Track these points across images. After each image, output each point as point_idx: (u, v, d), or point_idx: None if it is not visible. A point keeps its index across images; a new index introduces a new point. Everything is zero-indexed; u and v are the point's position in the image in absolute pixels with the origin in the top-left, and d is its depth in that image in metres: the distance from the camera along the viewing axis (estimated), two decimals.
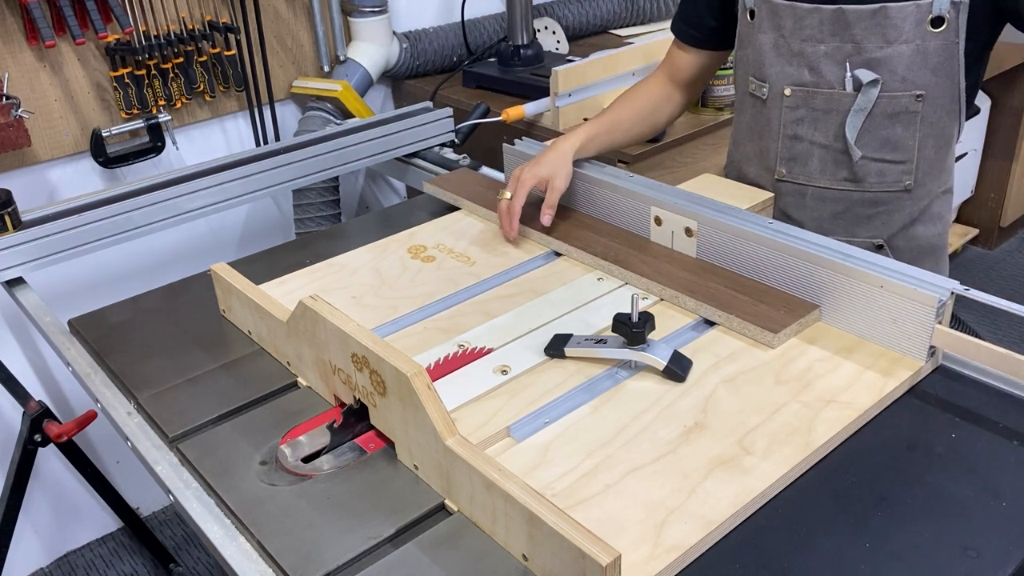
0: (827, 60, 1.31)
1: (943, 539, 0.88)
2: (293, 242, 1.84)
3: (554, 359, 1.16)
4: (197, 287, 1.42)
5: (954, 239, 3.39)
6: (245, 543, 0.95)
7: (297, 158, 1.75)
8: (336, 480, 1.00)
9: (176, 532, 2.42)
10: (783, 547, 0.89)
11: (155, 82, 2.04)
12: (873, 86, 1.29)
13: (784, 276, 1.23)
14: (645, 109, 1.55)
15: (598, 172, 1.49)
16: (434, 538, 0.91)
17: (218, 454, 1.06)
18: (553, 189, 1.42)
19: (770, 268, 1.24)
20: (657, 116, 1.57)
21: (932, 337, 1.09)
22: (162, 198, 1.61)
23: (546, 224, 1.44)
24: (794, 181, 1.44)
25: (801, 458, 0.97)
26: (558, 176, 1.42)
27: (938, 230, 1.44)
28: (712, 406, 1.06)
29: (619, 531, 0.89)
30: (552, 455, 1.00)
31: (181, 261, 2.21)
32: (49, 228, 1.49)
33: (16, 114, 1.77)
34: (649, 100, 1.56)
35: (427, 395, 0.92)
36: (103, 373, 1.26)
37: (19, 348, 2.09)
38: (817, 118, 1.37)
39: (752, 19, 1.37)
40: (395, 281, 1.39)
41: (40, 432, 1.69)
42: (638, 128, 1.57)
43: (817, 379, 1.10)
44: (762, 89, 1.40)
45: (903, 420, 1.05)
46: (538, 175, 1.42)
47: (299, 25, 2.27)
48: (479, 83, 2.38)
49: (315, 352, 1.10)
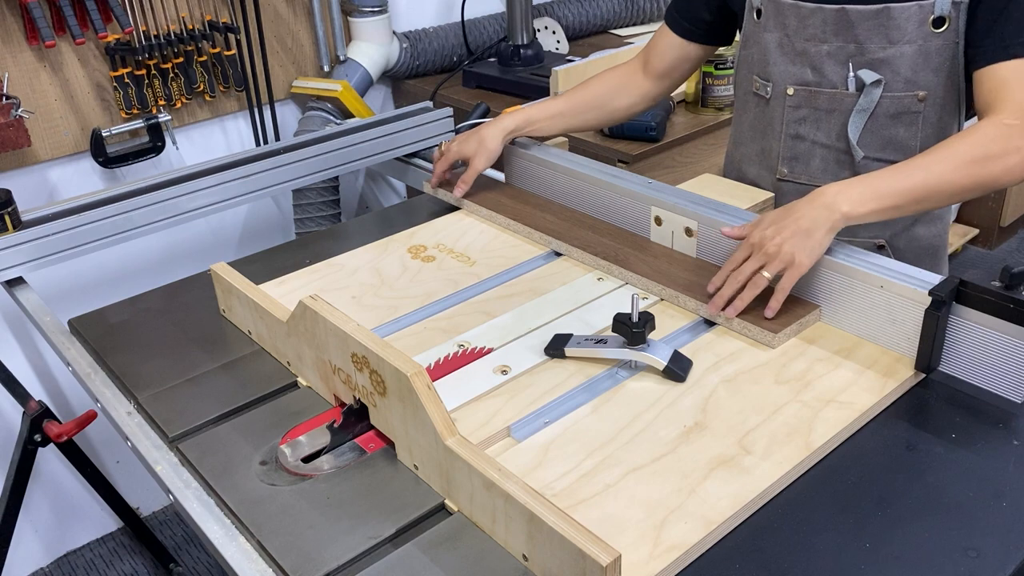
0: (830, 60, 1.31)
1: (943, 539, 0.88)
2: (293, 242, 1.84)
3: (554, 359, 1.16)
4: (197, 287, 1.42)
5: (954, 239, 3.39)
6: (245, 543, 0.95)
7: (297, 158, 1.75)
8: (336, 480, 1.00)
9: (176, 532, 2.42)
10: (783, 547, 0.88)
11: (155, 82, 2.04)
12: (876, 87, 1.29)
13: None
14: (601, 96, 1.56)
15: (598, 172, 1.49)
16: (434, 538, 0.91)
17: (218, 454, 1.06)
18: (472, 168, 1.54)
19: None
20: (615, 102, 1.57)
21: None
22: (162, 198, 1.61)
23: (457, 195, 1.57)
24: (796, 181, 1.44)
25: (801, 458, 0.97)
26: (479, 156, 1.53)
27: (938, 230, 1.44)
28: (712, 406, 1.06)
29: (619, 531, 0.89)
30: (552, 455, 1.00)
31: (181, 261, 2.21)
32: (49, 228, 1.49)
33: (16, 114, 1.77)
34: (606, 87, 1.56)
35: (427, 395, 0.92)
36: (103, 373, 1.26)
37: (19, 348, 2.09)
38: (820, 118, 1.37)
39: (759, 18, 1.37)
40: (395, 281, 1.39)
41: (40, 432, 1.69)
42: (592, 114, 1.58)
43: (817, 379, 1.10)
44: (766, 88, 1.40)
45: (903, 420, 1.05)
46: (462, 152, 1.55)
47: (299, 25, 2.27)
48: (479, 83, 2.39)
49: (315, 352, 1.10)
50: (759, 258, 1.14)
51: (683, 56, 1.52)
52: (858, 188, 1.13)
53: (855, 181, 1.15)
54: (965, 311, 1.07)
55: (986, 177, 1.14)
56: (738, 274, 1.16)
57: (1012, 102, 1.16)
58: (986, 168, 1.13)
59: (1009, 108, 1.16)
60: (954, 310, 1.07)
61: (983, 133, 1.15)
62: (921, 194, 1.13)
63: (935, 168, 1.13)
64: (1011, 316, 1.02)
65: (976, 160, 1.13)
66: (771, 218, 1.16)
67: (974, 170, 1.13)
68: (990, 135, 1.14)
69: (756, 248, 1.15)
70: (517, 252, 1.46)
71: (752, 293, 1.15)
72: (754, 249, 1.15)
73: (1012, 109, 1.15)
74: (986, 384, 1.08)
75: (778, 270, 1.13)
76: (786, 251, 1.12)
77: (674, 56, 1.52)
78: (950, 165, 1.13)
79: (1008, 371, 1.05)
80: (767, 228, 1.14)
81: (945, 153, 1.15)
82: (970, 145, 1.14)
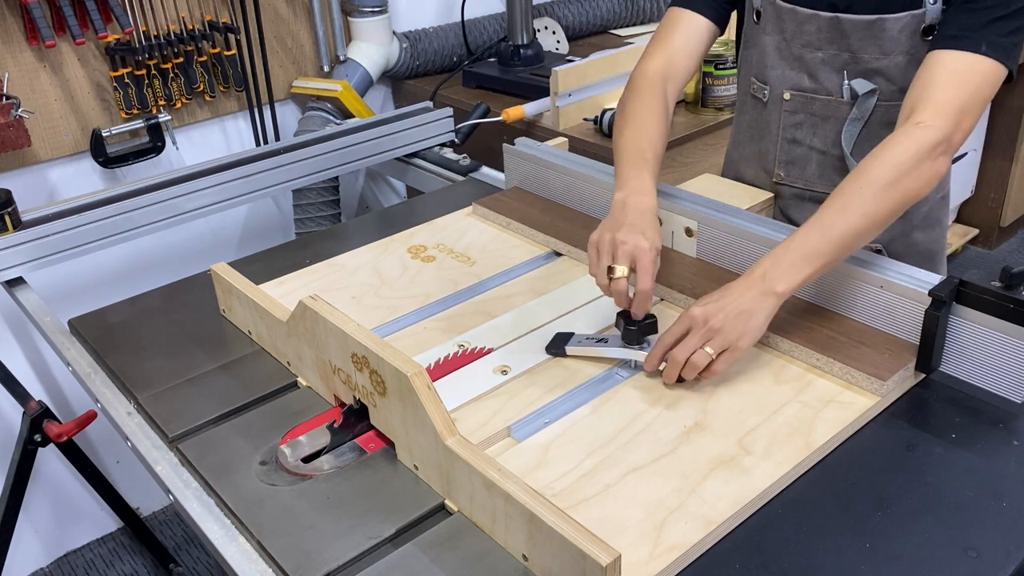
0: (824, 67, 1.31)
1: (943, 539, 0.88)
2: (293, 242, 1.84)
3: (555, 358, 1.16)
4: (197, 287, 1.42)
5: (954, 239, 3.38)
6: (245, 543, 0.95)
7: (297, 158, 1.75)
8: (336, 480, 1.00)
9: (176, 532, 2.42)
10: (783, 547, 0.88)
11: (155, 82, 2.04)
12: (870, 96, 1.29)
13: None
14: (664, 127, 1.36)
15: (598, 172, 1.49)
16: (434, 538, 0.91)
17: (218, 454, 1.06)
18: (653, 263, 1.16)
19: None
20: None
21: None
22: (162, 198, 1.61)
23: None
24: (792, 185, 1.44)
25: (801, 458, 0.98)
26: (660, 240, 1.20)
27: (936, 235, 1.44)
28: (712, 406, 1.06)
29: (619, 531, 0.89)
30: (552, 455, 1.00)
31: (181, 261, 2.21)
32: (49, 228, 1.49)
33: (16, 114, 1.77)
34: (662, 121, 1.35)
35: (427, 395, 0.92)
36: (103, 373, 1.26)
37: (19, 348, 2.09)
38: (815, 124, 1.36)
39: (758, 20, 1.37)
40: (395, 281, 1.39)
41: (40, 432, 1.69)
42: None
43: (817, 379, 1.10)
44: (763, 91, 1.40)
45: (903, 420, 1.05)
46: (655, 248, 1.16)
47: (299, 25, 2.27)
48: (479, 83, 2.38)
49: (315, 352, 1.10)
50: (703, 333, 1.09)
51: (705, 42, 1.39)
52: (786, 260, 1.09)
53: (781, 252, 1.10)
54: (965, 311, 1.07)
55: (906, 195, 1.10)
56: (677, 352, 1.08)
57: (933, 101, 1.12)
58: (903, 186, 1.10)
59: (928, 107, 1.12)
60: (954, 310, 1.07)
61: (895, 146, 1.11)
62: (850, 239, 1.09)
63: (853, 207, 1.09)
64: (1011, 316, 1.02)
65: (892, 182, 1.09)
66: (710, 299, 1.11)
67: (892, 193, 1.09)
68: (902, 146, 1.10)
69: (697, 323, 1.09)
70: (517, 252, 1.46)
71: (695, 371, 1.08)
72: (695, 324, 1.09)
73: (931, 108, 1.12)
74: (986, 384, 1.08)
75: (720, 348, 1.08)
76: (728, 330, 1.07)
77: (699, 47, 1.38)
78: (868, 196, 1.09)
79: (1008, 371, 1.05)
80: (707, 305, 1.10)
81: (859, 184, 1.10)
82: (882, 167, 1.10)
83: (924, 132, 1.10)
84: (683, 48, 1.37)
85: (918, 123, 1.11)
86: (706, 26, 1.37)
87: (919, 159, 1.10)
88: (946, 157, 1.12)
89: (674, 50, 1.37)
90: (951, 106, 1.12)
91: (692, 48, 1.37)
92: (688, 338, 1.09)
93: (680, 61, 1.37)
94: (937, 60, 1.15)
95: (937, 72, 1.14)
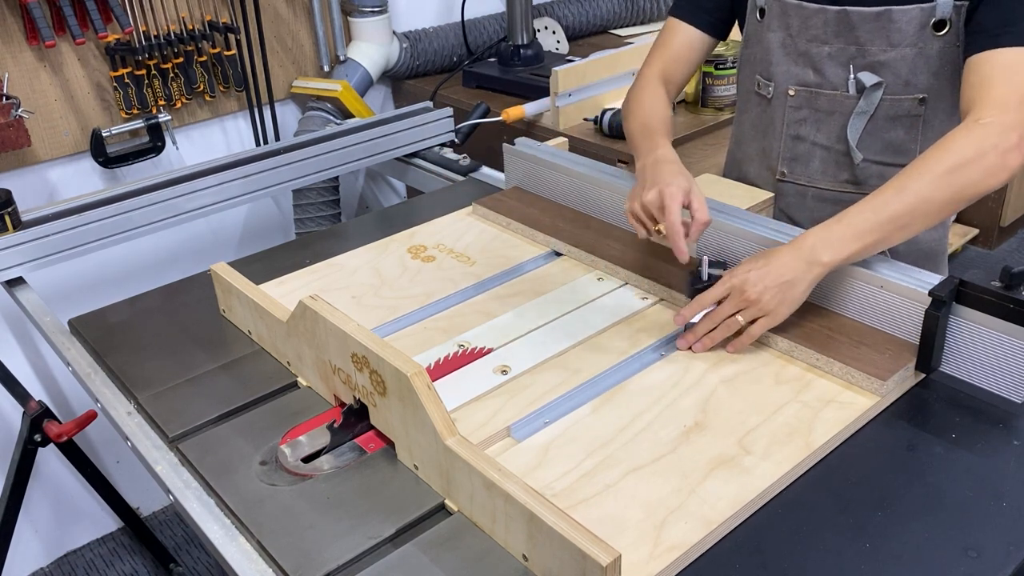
0: (831, 61, 1.31)
1: (943, 539, 0.88)
2: (293, 242, 1.84)
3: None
4: (197, 287, 1.42)
5: (954, 239, 3.38)
6: (245, 543, 0.95)
7: (297, 158, 1.75)
8: (336, 480, 1.00)
9: (176, 532, 2.42)
10: (783, 547, 0.88)
11: (155, 82, 2.04)
12: (876, 89, 1.29)
13: None
14: (668, 111, 1.44)
15: (598, 172, 1.49)
16: (434, 538, 0.91)
17: (218, 454, 1.06)
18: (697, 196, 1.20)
19: None
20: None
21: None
22: (162, 198, 1.61)
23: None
24: (795, 182, 1.44)
25: (801, 458, 0.98)
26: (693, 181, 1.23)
27: (938, 235, 1.44)
28: (712, 406, 1.06)
29: (619, 531, 0.89)
30: (552, 455, 1.00)
31: (181, 261, 2.21)
32: (49, 228, 1.49)
33: (16, 114, 1.77)
34: (664, 101, 1.44)
35: (427, 395, 0.92)
36: (103, 373, 1.26)
37: (19, 348, 2.09)
38: (820, 119, 1.37)
39: (761, 18, 1.37)
40: (395, 281, 1.39)
41: (40, 432, 1.69)
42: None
43: (817, 379, 1.10)
44: (767, 88, 1.40)
45: (903, 420, 1.05)
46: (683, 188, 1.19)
47: (299, 25, 2.27)
48: (479, 83, 2.39)
49: (315, 352, 1.10)
50: (738, 302, 1.12)
51: (701, 52, 1.45)
52: (837, 232, 1.10)
53: (833, 223, 1.11)
54: (965, 311, 1.07)
55: (966, 184, 1.09)
56: (714, 314, 1.14)
57: (990, 99, 1.12)
58: (964, 175, 1.09)
59: (987, 105, 1.12)
60: (954, 310, 1.07)
61: (956, 139, 1.11)
62: (904, 220, 1.09)
63: (911, 188, 1.09)
64: (1011, 316, 1.02)
65: (952, 169, 1.08)
66: (754, 264, 1.12)
67: (952, 180, 1.09)
68: (964, 139, 1.10)
69: (736, 291, 1.12)
70: (517, 252, 1.46)
71: (723, 334, 1.13)
72: (733, 291, 1.12)
73: (989, 105, 1.12)
74: (986, 384, 1.08)
75: (754, 317, 1.11)
76: (766, 300, 1.10)
77: (694, 55, 1.45)
78: (926, 181, 1.09)
79: (1008, 371, 1.05)
80: (749, 272, 1.12)
81: (919, 170, 1.10)
82: (943, 155, 1.10)
83: (984, 128, 1.11)
84: (678, 57, 1.45)
85: (978, 119, 1.12)
86: (700, 38, 1.44)
87: (982, 151, 1.09)
88: (1019, 151, 1.10)
89: (670, 59, 1.45)
90: (1012, 100, 1.12)
91: (686, 57, 1.46)
92: (724, 304, 1.14)
93: (676, 68, 1.46)
94: (985, 60, 1.16)
95: (987, 71, 1.15)
